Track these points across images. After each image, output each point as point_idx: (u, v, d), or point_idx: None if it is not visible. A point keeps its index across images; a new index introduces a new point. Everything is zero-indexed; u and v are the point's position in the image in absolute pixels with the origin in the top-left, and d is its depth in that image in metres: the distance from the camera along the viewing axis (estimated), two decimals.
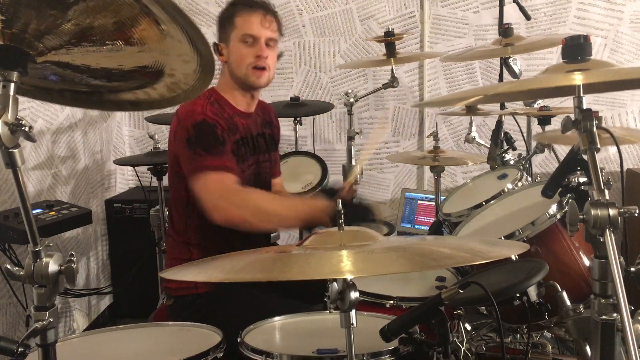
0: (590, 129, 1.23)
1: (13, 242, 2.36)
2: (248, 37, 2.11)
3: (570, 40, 1.39)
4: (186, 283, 2.06)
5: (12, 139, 0.99)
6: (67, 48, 1.04)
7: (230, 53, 2.14)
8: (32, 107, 2.87)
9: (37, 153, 2.92)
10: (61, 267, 1.07)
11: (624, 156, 3.70)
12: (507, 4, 3.09)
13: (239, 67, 2.13)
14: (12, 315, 2.64)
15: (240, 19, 2.12)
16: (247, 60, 2.12)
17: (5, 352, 1.06)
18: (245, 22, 2.12)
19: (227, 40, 2.15)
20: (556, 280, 1.74)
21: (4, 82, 1.01)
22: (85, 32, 1.00)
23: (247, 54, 2.11)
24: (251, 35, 2.11)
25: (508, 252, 1.38)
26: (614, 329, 1.19)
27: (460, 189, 2.54)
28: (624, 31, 3.69)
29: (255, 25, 2.12)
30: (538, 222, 1.84)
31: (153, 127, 3.68)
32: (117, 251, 3.67)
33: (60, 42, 1.02)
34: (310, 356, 1.48)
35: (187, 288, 2.06)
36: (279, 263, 1.25)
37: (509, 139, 2.78)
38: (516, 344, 2.14)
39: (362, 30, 3.84)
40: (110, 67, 1.12)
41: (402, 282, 2.10)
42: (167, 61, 1.10)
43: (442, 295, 1.34)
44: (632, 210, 1.16)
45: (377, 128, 2.69)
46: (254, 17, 2.12)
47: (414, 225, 3.66)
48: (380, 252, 1.22)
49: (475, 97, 1.55)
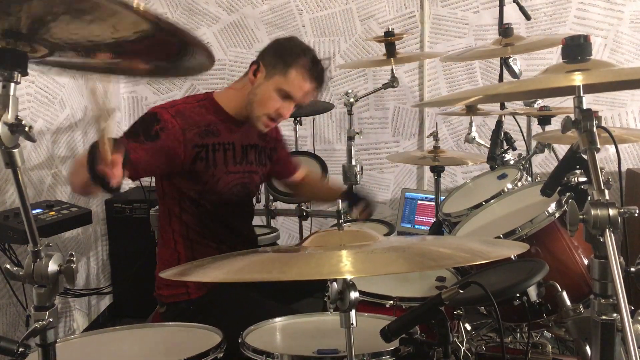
0: (590, 129, 1.23)
1: (13, 242, 2.36)
2: (287, 94, 2.05)
3: (570, 40, 1.39)
4: (177, 289, 2.06)
5: (12, 139, 0.99)
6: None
7: (261, 88, 2.06)
8: (32, 107, 2.88)
9: (37, 153, 2.92)
10: (61, 267, 1.07)
11: (624, 156, 3.76)
12: (507, 4, 3.09)
13: (259, 108, 2.07)
14: (12, 315, 2.64)
15: (294, 75, 2.04)
16: (270, 110, 2.06)
17: (5, 352, 1.06)
18: (295, 83, 2.04)
19: (270, 76, 2.05)
20: (556, 280, 1.74)
21: (4, 82, 1.01)
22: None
23: (274, 105, 2.06)
24: (290, 95, 2.06)
25: (508, 252, 1.38)
26: (614, 329, 1.19)
27: (460, 189, 2.54)
28: (624, 31, 3.69)
29: (300, 92, 2.06)
30: (537, 220, 1.84)
31: None
32: (117, 251, 3.67)
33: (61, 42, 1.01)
34: (310, 356, 1.48)
35: (179, 294, 2.06)
36: (278, 263, 1.25)
37: (509, 139, 2.78)
38: (516, 344, 2.14)
39: (362, 30, 3.84)
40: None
41: (402, 282, 2.10)
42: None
43: (442, 295, 1.34)
44: (632, 210, 1.16)
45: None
46: (307, 85, 2.06)
47: (414, 225, 3.66)
48: (380, 252, 1.22)
49: (475, 97, 1.55)
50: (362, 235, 1.32)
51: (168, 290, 2.08)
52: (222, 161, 2.10)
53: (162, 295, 2.11)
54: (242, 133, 2.17)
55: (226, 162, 2.11)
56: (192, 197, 2.09)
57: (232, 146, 2.13)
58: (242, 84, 2.13)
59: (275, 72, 2.05)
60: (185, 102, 2.10)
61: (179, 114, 2.02)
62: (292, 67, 2.04)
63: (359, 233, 1.34)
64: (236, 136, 2.15)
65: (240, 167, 2.16)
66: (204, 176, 2.07)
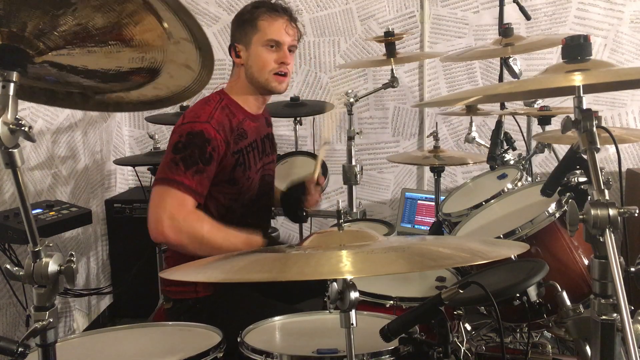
0: (590, 129, 1.23)
1: (13, 242, 2.36)
2: (272, 42, 2.09)
3: (570, 40, 1.39)
4: (187, 287, 2.05)
5: (12, 139, 0.99)
6: (68, 48, 1.04)
7: (251, 57, 2.11)
8: (32, 107, 2.87)
9: (37, 153, 2.92)
10: (61, 267, 1.07)
11: (624, 156, 3.75)
12: (507, 4, 3.09)
13: (261, 72, 2.10)
14: (12, 315, 2.64)
15: (264, 23, 2.09)
16: (270, 65, 2.09)
17: (5, 352, 1.06)
18: (270, 27, 2.09)
19: (247, 43, 2.11)
20: (556, 280, 1.74)
21: (4, 82, 1.01)
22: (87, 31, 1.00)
23: (270, 59, 2.09)
24: (275, 41, 2.09)
25: (508, 252, 1.38)
26: (614, 329, 1.19)
27: (460, 189, 2.54)
28: (624, 31, 3.69)
29: (280, 31, 2.09)
30: (537, 220, 1.84)
31: (153, 127, 3.68)
32: (117, 251, 3.67)
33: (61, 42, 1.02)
34: (310, 356, 1.48)
35: (187, 292, 2.05)
36: (278, 263, 1.25)
37: (509, 139, 2.78)
38: (516, 343, 2.14)
39: (362, 30, 3.84)
40: (108, 68, 1.12)
41: (402, 282, 2.10)
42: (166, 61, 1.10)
43: (442, 295, 1.34)
44: (632, 210, 1.16)
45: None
46: (279, 22, 2.10)
47: (414, 225, 3.66)
48: (380, 252, 1.22)
49: (475, 97, 1.55)
50: (362, 235, 1.32)
51: (177, 286, 2.07)
52: (253, 161, 2.13)
53: (170, 292, 2.10)
54: (258, 126, 2.21)
55: (255, 161, 2.15)
56: (222, 203, 2.08)
57: (256, 143, 2.17)
58: (236, 73, 2.17)
59: (249, 36, 2.10)
60: (214, 109, 2.06)
61: (219, 125, 2.00)
62: (257, 20, 2.09)
63: (359, 233, 1.34)
64: (256, 131, 2.18)
65: (261, 161, 2.20)
66: (241, 180, 2.08)
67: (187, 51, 1.06)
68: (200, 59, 1.08)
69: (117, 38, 1.03)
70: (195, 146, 1.94)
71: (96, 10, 0.96)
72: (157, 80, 1.15)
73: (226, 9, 3.86)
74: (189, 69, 1.11)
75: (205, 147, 1.95)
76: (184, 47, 1.05)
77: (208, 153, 1.95)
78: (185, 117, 2.03)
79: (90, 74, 1.13)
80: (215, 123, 1.99)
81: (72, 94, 1.22)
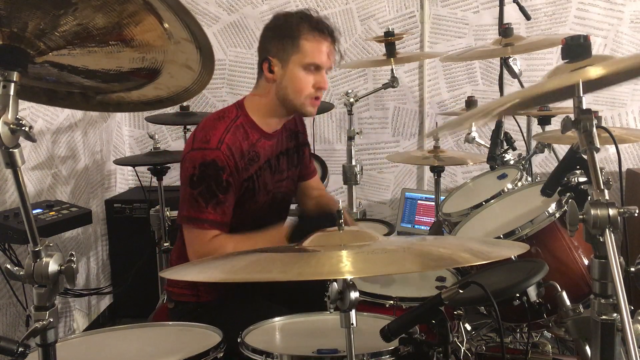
0: (589, 129, 1.23)
1: (13, 242, 2.36)
2: (312, 66, 1.97)
3: (570, 40, 1.39)
4: (188, 290, 2.04)
5: (12, 139, 0.99)
6: (69, 48, 1.04)
7: (287, 76, 1.97)
8: (32, 107, 2.87)
9: (37, 153, 2.92)
10: (61, 267, 1.07)
11: (624, 156, 3.75)
12: (507, 4, 3.09)
13: (297, 95, 1.99)
14: (12, 315, 2.64)
15: (307, 44, 1.95)
16: (308, 90, 1.98)
17: (5, 352, 1.06)
18: (313, 51, 1.96)
19: (285, 61, 1.97)
20: (556, 280, 1.74)
21: (4, 82, 1.01)
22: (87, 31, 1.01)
23: (309, 83, 1.98)
24: (316, 65, 1.97)
25: (508, 252, 1.38)
26: (614, 329, 1.20)
27: (460, 189, 2.54)
28: (624, 31, 3.69)
29: (322, 55, 1.98)
30: (537, 220, 1.84)
31: (153, 127, 3.68)
32: (117, 251, 3.67)
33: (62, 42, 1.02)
34: (310, 356, 1.48)
35: (189, 295, 2.04)
36: (278, 263, 1.25)
37: (509, 139, 2.78)
38: (516, 343, 2.14)
39: (362, 30, 3.84)
40: (109, 68, 1.12)
41: (402, 282, 2.10)
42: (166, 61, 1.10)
43: (442, 295, 1.34)
44: (632, 210, 1.16)
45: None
46: (323, 46, 1.98)
47: (414, 225, 3.66)
48: (380, 252, 1.22)
49: (490, 111, 1.50)
50: (362, 235, 1.32)
51: (179, 288, 2.06)
52: (263, 184, 2.05)
53: (173, 293, 2.09)
54: (274, 143, 2.09)
55: (265, 183, 2.06)
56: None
57: (268, 163, 2.06)
58: (264, 88, 2.03)
59: (288, 54, 1.97)
60: (226, 130, 1.95)
61: (229, 150, 1.92)
62: (300, 38, 1.96)
63: (359, 233, 1.34)
64: (270, 150, 2.07)
65: (274, 180, 2.11)
66: (247, 202, 2.02)
67: (187, 51, 1.06)
68: (200, 59, 1.08)
69: (117, 38, 1.03)
70: (210, 178, 1.89)
71: (97, 11, 0.97)
72: (158, 80, 1.16)
73: (226, 9, 3.86)
74: (190, 69, 1.11)
75: (220, 176, 1.89)
76: (185, 47, 1.05)
77: (224, 182, 1.90)
78: (196, 138, 1.95)
79: (91, 74, 1.13)
80: (226, 148, 1.91)
81: (73, 94, 1.22)
